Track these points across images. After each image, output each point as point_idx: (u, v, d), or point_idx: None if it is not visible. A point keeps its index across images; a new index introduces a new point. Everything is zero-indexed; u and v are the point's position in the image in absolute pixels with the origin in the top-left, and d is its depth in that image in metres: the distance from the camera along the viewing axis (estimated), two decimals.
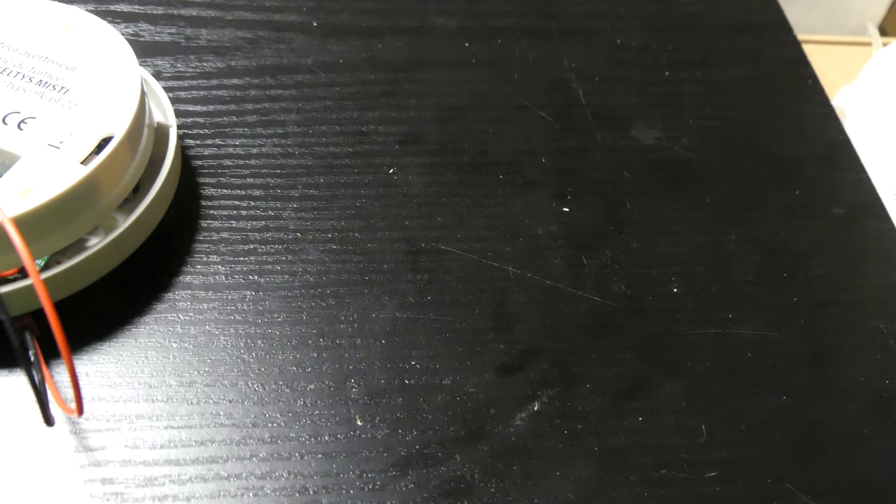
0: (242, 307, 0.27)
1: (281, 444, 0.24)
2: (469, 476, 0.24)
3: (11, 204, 0.23)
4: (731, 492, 0.25)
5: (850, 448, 0.26)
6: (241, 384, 0.25)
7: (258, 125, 0.32)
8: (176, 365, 0.25)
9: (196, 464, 0.24)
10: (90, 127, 0.26)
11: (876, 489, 0.25)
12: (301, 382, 0.25)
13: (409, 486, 0.24)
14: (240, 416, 0.25)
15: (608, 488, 0.24)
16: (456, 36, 0.36)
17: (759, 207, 0.31)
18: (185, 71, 0.33)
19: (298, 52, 0.35)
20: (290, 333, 0.26)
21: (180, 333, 0.26)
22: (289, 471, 0.24)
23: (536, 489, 0.24)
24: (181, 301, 0.27)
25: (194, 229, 0.29)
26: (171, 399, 0.25)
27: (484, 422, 0.25)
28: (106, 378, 0.25)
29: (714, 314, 0.28)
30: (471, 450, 0.25)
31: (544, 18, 0.37)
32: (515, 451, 0.25)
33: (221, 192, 0.30)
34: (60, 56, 0.27)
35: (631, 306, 0.28)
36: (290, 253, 0.28)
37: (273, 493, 0.23)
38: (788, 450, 0.25)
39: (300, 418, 0.25)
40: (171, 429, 0.24)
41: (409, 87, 0.34)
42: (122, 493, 0.23)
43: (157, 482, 0.23)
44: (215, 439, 0.24)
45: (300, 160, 0.31)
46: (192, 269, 0.28)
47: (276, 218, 0.29)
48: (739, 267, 0.30)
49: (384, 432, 0.25)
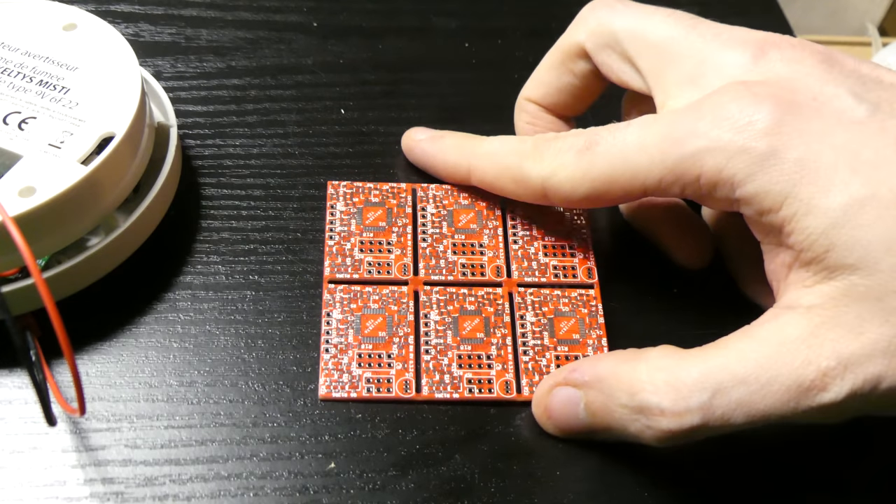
0: (242, 307, 0.27)
1: (281, 444, 0.24)
2: (469, 476, 0.24)
3: (12, 204, 0.23)
4: (732, 491, 0.25)
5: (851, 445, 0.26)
6: (241, 384, 0.25)
7: (258, 125, 0.32)
8: (176, 365, 0.25)
9: (196, 464, 0.24)
10: (90, 127, 0.26)
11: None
12: (301, 382, 0.25)
13: (409, 486, 0.24)
14: (240, 416, 0.25)
15: (608, 488, 0.24)
16: (456, 36, 0.36)
17: None
18: (185, 71, 0.33)
19: (298, 52, 0.35)
20: (290, 333, 0.26)
21: (180, 333, 0.26)
22: (289, 471, 0.24)
23: (536, 489, 0.24)
24: (181, 301, 0.27)
25: (194, 229, 0.29)
26: (171, 399, 0.25)
27: (484, 422, 0.25)
28: (106, 378, 0.25)
29: (713, 315, 0.28)
30: (471, 450, 0.25)
31: (544, 18, 0.37)
32: (515, 451, 0.25)
33: (221, 192, 0.30)
34: (61, 56, 0.27)
35: (631, 306, 0.28)
36: (290, 253, 0.28)
37: (273, 493, 0.23)
38: (790, 448, 0.25)
39: (300, 418, 0.25)
40: (171, 428, 0.24)
41: (409, 87, 0.34)
42: (122, 493, 0.23)
43: (158, 482, 0.23)
44: (215, 439, 0.24)
45: (300, 160, 0.31)
46: (192, 269, 0.28)
47: (276, 218, 0.29)
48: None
49: (384, 432, 0.25)
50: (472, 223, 0.28)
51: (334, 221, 0.28)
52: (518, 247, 0.28)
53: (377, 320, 0.26)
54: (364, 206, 0.28)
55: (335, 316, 0.26)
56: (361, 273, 0.27)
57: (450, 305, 0.27)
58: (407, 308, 0.26)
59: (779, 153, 0.21)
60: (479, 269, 0.27)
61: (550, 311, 0.27)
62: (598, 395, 0.23)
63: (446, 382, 0.25)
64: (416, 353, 0.26)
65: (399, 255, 0.27)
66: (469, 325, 0.26)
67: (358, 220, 0.28)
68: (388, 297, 0.27)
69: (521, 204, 0.28)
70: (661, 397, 0.22)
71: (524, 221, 0.29)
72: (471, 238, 0.28)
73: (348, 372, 0.25)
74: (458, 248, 0.28)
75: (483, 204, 0.29)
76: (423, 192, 0.29)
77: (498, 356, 0.26)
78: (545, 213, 0.29)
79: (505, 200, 0.29)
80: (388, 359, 0.25)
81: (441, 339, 0.26)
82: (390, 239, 0.28)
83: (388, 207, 0.28)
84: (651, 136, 0.24)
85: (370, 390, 0.25)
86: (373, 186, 0.29)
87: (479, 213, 0.29)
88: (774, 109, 0.22)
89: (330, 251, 0.27)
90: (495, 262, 0.28)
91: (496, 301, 0.27)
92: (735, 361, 0.22)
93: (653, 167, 0.23)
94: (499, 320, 0.26)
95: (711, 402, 0.21)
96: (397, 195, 0.29)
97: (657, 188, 0.24)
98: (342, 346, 0.26)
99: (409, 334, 0.26)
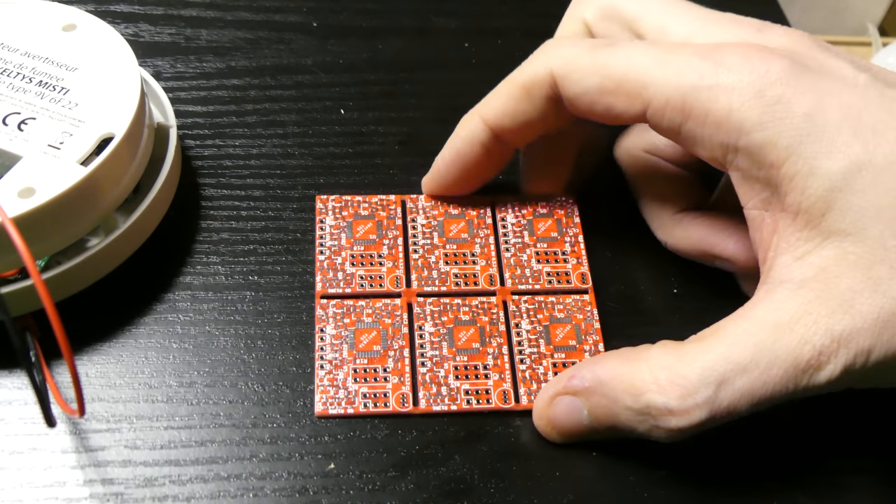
0: (242, 307, 0.27)
1: (280, 445, 0.24)
2: (469, 476, 0.24)
3: (12, 204, 0.23)
4: (732, 491, 0.25)
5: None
6: (241, 384, 0.25)
7: (258, 125, 0.32)
8: (176, 365, 0.25)
9: (196, 464, 0.24)
10: (90, 127, 0.26)
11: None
12: (301, 382, 0.25)
13: (409, 487, 0.24)
14: (240, 416, 0.25)
15: (608, 488, 0.24)
16: (456, 36, 0.36)
17: None
18: (185, 71, 0.33)
19: (298, 52, 0.35)
20: (290, 333, 0.26)
21: (180, 333, 0.26)
22: (288, 471, 0.24)
23: (536, 489, 0.24)
24: (181, 301, 0.27)
25: (194, 229, 0.29)
26: (171, 399, 0.25)
27: (484, 422, 0.25)
28: (106, 378, 0.25)
29: (711, 314, 0.28)
30: (470, 451, 0.25)
31: (544, 18, 0.37)
32: (515, 451, 0.25)
33: (221, 192, 0.30)
34: (60, 56, 0.27)
35: (631, 306, 0.28)
36: (290, 253, 0.28)
37: (273, 493, 0.23)
38: (790, 447, 0.25)
39: (300, 418, 0.25)
40: (171, 429, 0.24)
41: (409, 87, 0.34)
42: (122, 494, 0.23)
43: (157, 482, 0.23)
44: (215, 439, 0.24)
45: (300, 160, 0.31)
46: (192, 269, 0.28)
47: (276, 218, 0.29)
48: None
49: (383, 433, 0.25)
50: (464, 232, 0.28)
51: (324, 236, 0.28)
52: (510, 254, 0.28)
53: (371, 334, 0.26)
54: (354, 220, 0.28)
55: (329, 332, 0.26)
56: (354, 287, 0.27)
57: (444, 316, 0.26)
58: (401, 321, 0.26)
59: (790, 105, 0.22)
60: (472, 279, 0.27)
61: (546, 318, 0.27)
62: (601, 399, 0.23)
63: (444, 394, 0.25)
64: (412, 366, 0.26)
65: (391, 267, 0.27)
66: (464, 336, 0.26)
67: (348, 234, 0.28)
68: (382, 311, 0.26)
69: (512, 210, 0.29)
70: (667, 397, 0.22)
71: (515, 229, 0.28)
72: (462, 247, 0.28)
73: (344, 388, 0.25)
74: (450, 258, 0.28)
75: (473, 213, 0.29)
76: (412, 204, 0.29)
77: (495, 366, 0.26)
78: (536, 218, 0.29)
79: (495, 208, 0.29)
80: (384, 373, 0.25)
81: (436, 351, 0.26)
82: (381, 251, 0.28)
83: (378, 220, 0.28)
84: (673, 57, 0.23)
85: (367, 405, 0.25)
86: (362, 199, 0.29)
87: (469, 223, 0.28)
88: (790, 64, 0.22)
89: (321, 266, 0.27)
90: (488, 270, 0.28)
91: (490, 310, 0.27)
92: (734, 349, 0.22)
93: (666, 85, 0.23)
94: (494, 329, 0.26)
95: (717, 396, 0.21)
96: (386, 207, 0.29)
97: (656, 112, 0.23)
98: (337, 361, 0.25)
99: (404, 347, 0.26)
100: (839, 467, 0.25)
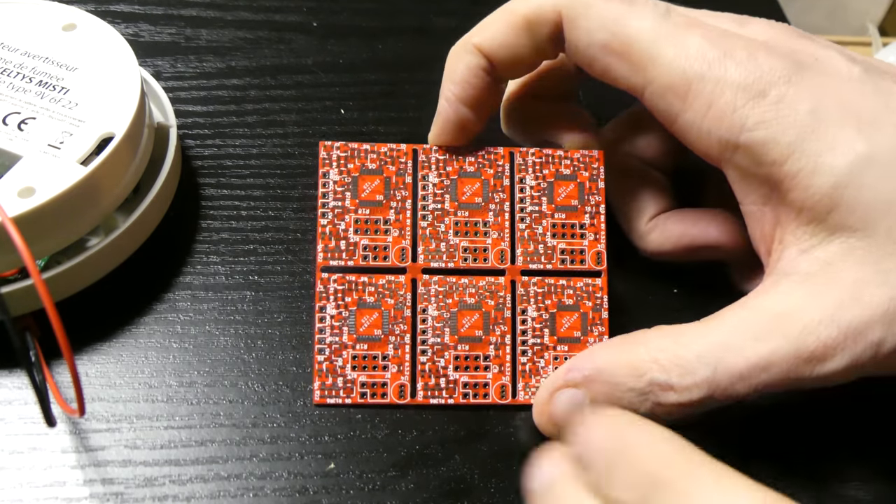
0: (242, 307, 0.27)
1: (280, 445, 0.24)
2: (469, 476, 0.24)
3: (12, 204, 0.23)
4: None
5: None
6: (241, 384, 0.25)
7: (258, 125, 0.32)
8: (176, 365, 0.25)
9: (196, 464, 0.24)
10: (90, 127, 0.26)
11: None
12: (301, 382, 0.25)
13: (408, 487, 0.24)
14: (240, 416, 0.25)
15: None
16: (456, 36, 0.36)
17: None
18: (185, 71, 0.33)
19: (298, 52, 0.35)
20: (290, 333, 0.26)
21: (180, 333, 0.26)
22: (288, 471, 0.24)
23: None
24: (181, 301, 0.27)
25: (194, 229, 0.29)
26: (171, 399, 0.25)
27: (484, 421, 0.25)
28: (106, 378, 0.25)
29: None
30: (470, 450, 0.25)
31: None
32: (515, 451, 0.25)
33: (221, 192, 0.30)
34: (60, 56, 0.27)
35: (631, 306, 0.28)
36: (290, 253, 0.28)
37: (273, 493, 0.23)
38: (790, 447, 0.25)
39: (300, 419, 0.25)
40: (171, 429, 0.24)
41: (409, 87, 0.34)
42: (122, 494, 0.23)
43: (157, 482, 0.23)
44: (215, 439, 0.24)
45: (300, 160, 0.31)
46: (192, 269, 0.28)
47: (276, 218, 0.29)
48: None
49: (384, 433, 0.25)
50: (478, 196, 0.27)
51: (327, 194, 0.26)
52: (525, 226, 0.27)
53: (373, 316, 0.26)
54: (359, 175, 0.26)
55: (329, 311, 0.25)
56: (357, 259, 0.26)
57: (449, 299, 0.26)
58: (404, 302, 0.26)
59: (793, 103, 0.22)
60: (481, 255, 0.26)
61: (553, 305, 0.26)
62: (602, 386, 0.23)
63: (442, 387, 0.25)
64: (412, 355, 0.25)
65: (397, 237, 0.26)
66: (468, 322, 0.26)
67: (353, 194, 0.26)
68: (385, 289, 0.26)
69: (533, 170, 0.27)
70: (668, 374, 0.22)
71: (534, 194, 0.27)
72: (475, 215, 0.27)
73: (342, 375, 0.25)
74: (460, 227, 0.26)
75: (490, 172, 0.27)
76: (424, 157, 0.27)
77: (496, 357, 0.26)
78: (558, 181, 0.27)
79: (514, 162, 0.27)
80: (384, 360, 0.25)
81: (438, 339, 0.26)
82: (388, 216, 0.26)
83: (387, 176, 0.26)
84: (685, 37, 0.23)
85: (364, 395, 0.25)
86: (369, 149, 0.27)
87: (485, 183, 0.27)
88: (790, 63, 0.22)
89: (323, 232, 0.26)
90: (499, 245, 0.26)
91: (498, 293, 0.26)
92: (734, 335, 0.22)
93: (673, 67, 0.22)
94: (499, 315, 0.26)
95: (715, 377, 0.21)
96: (396, 160, 0.27)
97: (656, 92, 0.23)
98: (336, 346, 0.25)
99: (406, 332, 0.25)
100: (839, 467, 0.25)
